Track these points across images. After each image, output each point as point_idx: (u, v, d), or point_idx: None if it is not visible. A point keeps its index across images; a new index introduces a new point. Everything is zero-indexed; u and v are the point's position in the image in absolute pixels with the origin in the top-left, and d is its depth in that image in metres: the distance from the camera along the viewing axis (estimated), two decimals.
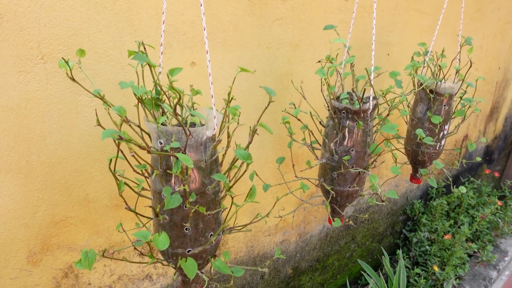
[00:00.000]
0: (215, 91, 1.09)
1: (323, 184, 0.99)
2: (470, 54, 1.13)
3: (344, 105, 0.87)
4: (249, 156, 0.61)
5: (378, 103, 0.90)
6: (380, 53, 1.54)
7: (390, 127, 0.78)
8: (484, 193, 2.42)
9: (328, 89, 0.87)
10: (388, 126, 0.79)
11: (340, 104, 0.88)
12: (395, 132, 0.78)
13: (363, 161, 0.93)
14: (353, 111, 0.86)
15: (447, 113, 1.24)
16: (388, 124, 0.79)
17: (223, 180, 0.60)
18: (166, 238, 0.55)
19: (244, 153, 0.61)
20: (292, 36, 1.21)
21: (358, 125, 0.83)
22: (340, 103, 0.88)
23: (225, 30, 1.05)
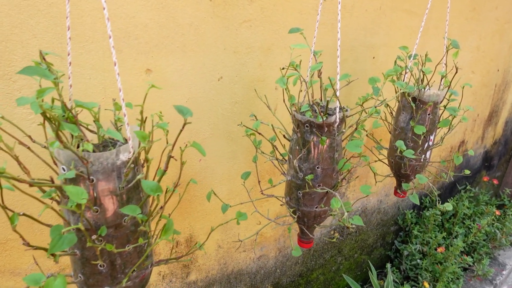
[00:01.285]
0: (175, 100, 1.02)
1: (288, 203, 0.92)
2: (456, 58, 1.05)
3: (307, 118, 0.79)
4: (157, 188, 0.53)
5: (346, 115, 0.82)
6: (365, 56, 1.47)
7: (354, 145, 0.71)
8: (482, 201, 2.34)
9: (289, 100, 0.79)
10: (352, 143, 0.71)
11: (303, 116, 0.80)
12: (359, 150, 0.71)
13: (331, 179, 0.86)
14: (317, 125, 0.79)
15: (432, 123, 1.17)
16: (352, 141, 0.72)
17: (134, 213, 0.53)
18: (63, 282, 0.48)
19: (152, 185, 0.54)
20: (263, 40, 1.14)
21: (322, 140, 0.76)
22: (303, 116, 0.80)
23: (185, 34, 0.98)
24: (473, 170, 2.61)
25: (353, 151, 0.71)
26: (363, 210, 1.87)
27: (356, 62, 1.44)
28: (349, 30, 1.36)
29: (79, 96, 0.87)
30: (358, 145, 0.71)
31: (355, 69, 1.45)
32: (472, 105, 2.25)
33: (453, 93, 1.04)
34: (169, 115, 1.02)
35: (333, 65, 1.36)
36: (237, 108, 1.17)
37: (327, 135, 0.81)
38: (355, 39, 1.40)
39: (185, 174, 1.13)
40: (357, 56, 1.44)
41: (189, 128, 1.08)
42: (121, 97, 0.56)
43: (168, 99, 1.01)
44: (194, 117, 1.08)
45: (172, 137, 1.03)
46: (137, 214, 0.53)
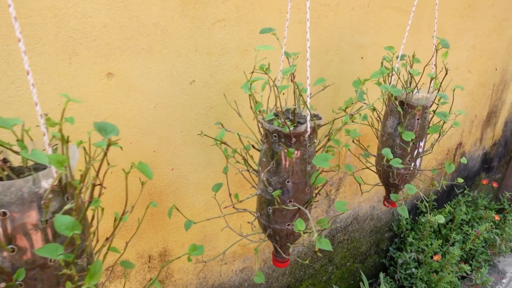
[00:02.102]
0: (141, 106, 0.96)
1: (259, 219, 0.85)
2: (445, 59, 0.98)
3: (274, 127, 0.73)
4: (73, 226, 0.45)
5: (317, 124, 0.75)
6: (352, 56, 1.40)
7: (321, 159, 0.64)
8: (481, 206, 2.27)
9: (253, 108, 0.72)
10: (319, 157, 0.64)
11: (271, 125, 0.73)
12: (327, 165, 0.64)
13: (304, 194, 0.79)
14: (285, 135, 0.72)
15: (421, 128, 1.10)
16: (320, 154, 0.65)
17: (52, 255, 0.45)
18: None
19: (66, 222, 0.45)
20: (239, 40, 1.07)
21: (288, 153, 0.69)
22: (271, 125, 0.74)
23: (150, 35, 0.91)
24: (472, 173, 2.53)
25: (320, 166, 0.64)
26: (355, 217, 1.81)
27: (343, 62, 1.37)
28: (334, 29, 1.30)
29: (31, 103, 0.80)
30: (326, 159, 0.64)
31: (342, 70, 1.38)
32: (469, 106, 2.18)
33: (443, 96, 0.97)
34: (135, 122, 0.95)
35: (317, 67, 1.30)
36: (212, 113, 1.10)
37: (298, 146, 0.74)
38: (341, 38, 1.33)
39: (156, 185, 1.07)
40: (344, 56, 1.37)
41: (159, 136, 1.02)
42: (38, 112, 0.49)
43: (133, 105, 0.94)
44: (164, 124, 1.01)
45: (142, 149, 0.96)
46: (57, 256, 0.45)
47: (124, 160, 0.98)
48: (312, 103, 1.34)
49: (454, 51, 1.88)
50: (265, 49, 0.69)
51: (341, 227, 1.75)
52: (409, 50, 1.62)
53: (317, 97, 1.35)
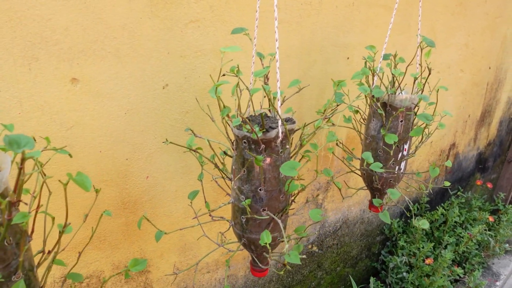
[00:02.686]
0: (110, 113, 0.92)
1: (234, 228, 0.81)
2: (428, 58, 0.94)
3: (244, 133, 0.69)
4: None
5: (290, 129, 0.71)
6: (337, 57, 1.36)
7: (289, 167, 0.60)
8: (475, 207, 2.23)
9: (221, 113, 0.68)
10: (287, 165, 0.61)
11: (240, 131, 0.70)
12: (294, 173, 0.60)
13: (278, 202, 0.75)
14: (254, 141, 0.68)
15: (405, 130, 1.06)
16: (287, 162, 0.61)
17: None
18: None
19: None
20: (215, 42, 1.03)
21: (257, 160, 0.65)
22: (240, 130, 0.70)
23: (117, 38, 0.87)
24: (466, 173, 2.50)
25: (287, 174, 0.60)
26: (345, 221, 1.77)
27: (327, 63, 1.34)
28: (317, 29, 1.26)
29: None
30: (293, 167, 0.60)
31: (326, 71, 1.34)
32: (462, 106, 2.14)
33: (423, 98, 0.93)
34: (104, 129, 0.91)
35: (300, 68, 1.26)
36: (188, 119, 1.06)
37: (269, 153, 0.70)
38: (325, 38, 1.29)
39: (131, 194, 1.03)
40: (329, 57, 1.33)
41: (131, 143, 0.98)
42: None
43: (102, 111, 0.90)
44: (136, 130, 0.97)
45: (113, 157, 0.90)
46: None
47: (95, 169, 0.94)
48: (295, 105, 1.30)
49: (445, 49, 1.84)
50: (231, 51, 0.65)
51: (330, 232, 1.72)
52: (398, 49, 1.58)
53: (301, 99, 1.31)
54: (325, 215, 1.65)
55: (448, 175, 2.31)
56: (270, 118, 0.79)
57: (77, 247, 0.97)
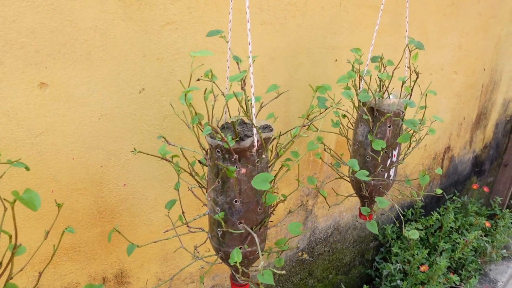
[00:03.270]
0: (83, 118, 0.88)
1: (211, 241, 0.77)
2: (415, 61, 0.91)
3: (217, 142, 0.65)
4: None
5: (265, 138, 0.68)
6: (325, 59, 1.33)
7: (260, 180, 0.57)
8: (471, 212, 2.20)
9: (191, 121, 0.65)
10: (258, 177, 0.57)
11: (213, 140, 0.66)
12: (266, 186, 0.56)
13: (256, 214, 0.72)
14: (228, 150, 0.64)
15: (393, 136, 1.03)
16: (259, 175, 0.57)
17: None
18: None
19: None
20: (194, 44, 1.00)
21: (229, 171, 0.61)
22: (213, 139, 0.66)
23: (88, 40, 0.84)
24: (462, 177, 2.47)
25: (259, 188, 0.57)
26: (336, 227, 1.73)
27: (314, 66, 1.30)
28: (303, 31, 1.23)
29: None
30: (265, 179, 0.57)
31: (314, 74, 1.31)
32: (456, 108, 2.11)
33: (409, 103, 0.89)
34: (77, 136, 0.88)
35: (286, 71, 1.23)
36: (167, 124, 1.03)
37: (244, 163, 0.66)
38: (311, 40, 1.26)
39: (107, 202, 0.99)
40: (316, 59, 1.30)
41: (107, 150, 0.94)
42: None
43: (74, 117, 0.87)
44: (111, 137, 0.94)
45: (87, 165, 0.85)
46: None
47: (68, 177, 0.90)
48: (282, 109, 1.27)
49: (438, 51, 1.81)
50: (201, 55, 0.61)
51: (321, 238, 1.68)
52: (388, 50, 1.56)
53: (288, 103, 1.28)
54: (315, 221, 1.61)
55: (443, 179, 2.28)
56: (247, 125, 0.75)
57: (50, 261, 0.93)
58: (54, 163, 0.88)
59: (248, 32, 0.66)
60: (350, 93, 0.87)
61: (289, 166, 0.74)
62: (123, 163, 0.98)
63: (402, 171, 1.95)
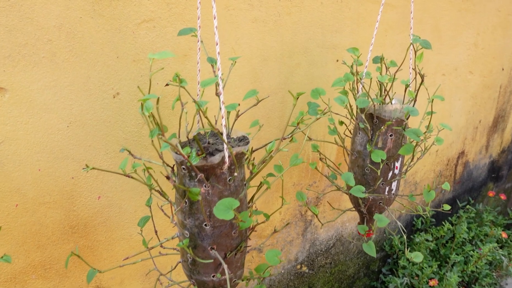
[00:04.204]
0: (49, 126, 0.81)
1: (183, 267, 0.69)
2: (420, 62, 0.81)
3: (182, 158, 0.57)
4: None
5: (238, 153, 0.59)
6: (325, 59, 1.23)
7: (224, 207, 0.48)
8: (486, 221, 2.06)
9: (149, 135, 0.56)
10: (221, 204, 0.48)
11: (178, 155, 0.58)
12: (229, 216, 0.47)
13: (230, 238, 0.63)
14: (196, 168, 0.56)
15: (395, 146, 0.92)
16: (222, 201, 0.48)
17: None
18: None
19: None
20: (176, 44, 0.92)
21: (191, 193, 0.53)
22: (178, 155, 0.58)
23: (53, 40, 0.76)
24: (477, 183, 2.33)
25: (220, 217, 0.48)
26: (339, 238, 1.63)
27: (313, 66, 1.21)
28: (300, 28, 1.13)
29: None
30: (229, 207, 0.48)
31: (312, 75, 1.21)
32: (471, 111, 1.98)
33: (411, 112, 0.79)
34: (43, 145, 0.80)
35: (281, 73, 1.13)
36: (146, 131, 0.95)
37: (214, 181, 0.58)
38: (309, 38, 1.16)
39: (80, 216, 0.92)
40: (314, 59, 1.20)
41: (78, 159, 0.87)
42: None
43: (38, 125, 0.79)
44: (83, 145, 0.86)
45: (55, 176, 0.78)
46: None
47: (33, 190, 0.83)
48: (275, 115, 1.17)
49: (451, 50, 1.68)
50: (160, 57, 0.53)
51: (322, 250, 1.58)
52: (396, 50, 1.44)
53: (283, 107, 1.18)
54: (316, 232, 1.52)
55: (456, 185, 2.15)
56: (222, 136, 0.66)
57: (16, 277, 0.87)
58: (18, 175, 0.80)
59: (215, 30, 0.57)
60: (344, 99, 0.77)
61: (268, 183, 0.65)
62: (97, 174, 0.91)
63: (411, 178, 1.83)
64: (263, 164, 0.62)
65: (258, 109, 1.13)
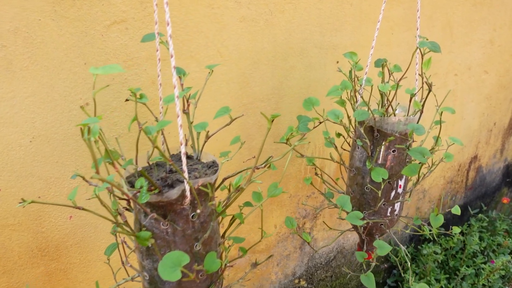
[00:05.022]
0: (9, 142, 0.73)
1: None
2: (427, 69, 0.70)
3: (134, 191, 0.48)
4: None
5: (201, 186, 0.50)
6: (324, 61, 1.13)
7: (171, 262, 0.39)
8: (499, 230, 1.95)
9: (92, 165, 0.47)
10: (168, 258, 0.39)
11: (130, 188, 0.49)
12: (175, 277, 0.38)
13: (194, 284, 0.54)
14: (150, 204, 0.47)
15: (398, 162, 0.83)
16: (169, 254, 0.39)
17: None
18: None
19: None
20: (152, 47, 0.83)
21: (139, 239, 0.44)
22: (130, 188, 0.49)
23: (7, 46, 0.68)
24: (491, 189, 2.21)
25: (166, 279, 0.39)
26: (340, 250, 1.54)
27: (310, 69, 1.11)
28: (295, 28, 1.03)
29: None
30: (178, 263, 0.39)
31: (309, 79, 1.11)
32: (486, 112, 1.85)
33: (416, 129, 0.69)
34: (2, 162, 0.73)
35: (274, 77, 1.04)
36: (123, 144, 0.86)
37: (174, 219, 0.49)
38: (305, 39, 1.06)
39: (50, 238, 0.84)
40: (312, 61, 1.10)
41: (44, 177, 0.79)
42: None
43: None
44: (49, 162, 0.78)
45: (19, 196, 0.71)
46: None
47: None
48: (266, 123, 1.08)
49: (465, 48, 1.57)
50: (104, 73, 0.44)
51: (322, 263, 1.50)
52: (403, 49, 1.33)
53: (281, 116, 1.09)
54: (315, 245, 1.43)
55: (468, 192, 2.04)
56: (191, 160, 0.58)
57: None
58: None
59: (169, 39, 0.48)
60: (338, 113, 0.67)
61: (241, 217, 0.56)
62: (67, 192, 0.83)
63: (419, 185, 1.73)
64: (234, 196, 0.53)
65: (248, 117, 1.04)
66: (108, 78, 0.79)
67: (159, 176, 0.53)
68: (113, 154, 0.50)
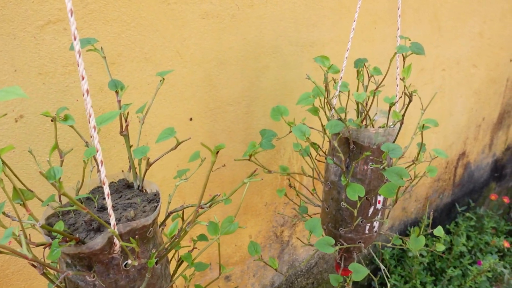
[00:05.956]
0: None
1: None
2: (408, 76, 0.62)
3: (50, 239, 0.39)
4: None
5: (133, 229, 0.42)
6: (300, 59, 1.04)
7: None
8: (487, 227, 1.91)
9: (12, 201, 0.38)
10: None
11: (47, 236, 0.40)
12: None
13: None
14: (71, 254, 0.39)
15: (377, 177, 0.75)
16: None
17: None
18: None
19: None
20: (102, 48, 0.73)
21: None
22: (48, 235, 0.40)
23: None
24: (479, 184, 2.17)
25: None
26: (322, 257, 1.48)
27: (285, 68, 1.02)
28: (266, 24, 0.93)
29: None
30: None
31: (284, 79, 1.03)
32: (474, 108, 1.79)
33: (391, 151, 0.61)
34: None
35: (244, 78, 0.94)
36: (69, 161, 0.77)
37: (101, 269, 0.40)
38: (279, 35, 0.97)
39: None
40: (287, 60, 1.01)
41: None
42: None
43: None
44: None
45: None
46: None
47: None
48: (239, 127, 0.99)
49: (453, 41, 1.49)
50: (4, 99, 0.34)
51: (303, 271, 1.43)
52: (388, 46, 1.25)
53: (248, 119, 1.00)
54: (294, 253, 1.36)
55: (456, 188, 1.99)
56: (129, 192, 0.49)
57: None
58: None
59: (73, 38, 0.39)
60: (305, 130, 0.59)
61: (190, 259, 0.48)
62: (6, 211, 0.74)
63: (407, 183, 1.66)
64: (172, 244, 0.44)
65: (217, 123, 0.95)
66: (45, 87, 0.69)
67: (84, 218, 0.44)
68: (25, 194, 0.41)
